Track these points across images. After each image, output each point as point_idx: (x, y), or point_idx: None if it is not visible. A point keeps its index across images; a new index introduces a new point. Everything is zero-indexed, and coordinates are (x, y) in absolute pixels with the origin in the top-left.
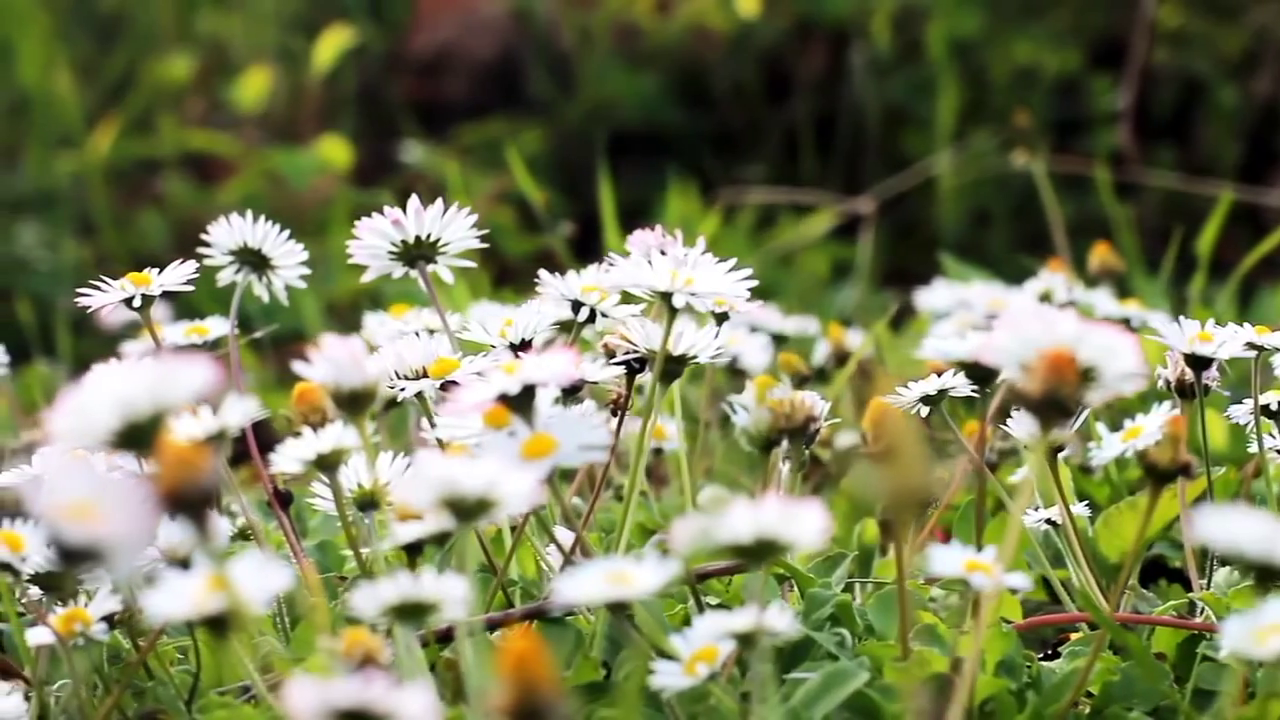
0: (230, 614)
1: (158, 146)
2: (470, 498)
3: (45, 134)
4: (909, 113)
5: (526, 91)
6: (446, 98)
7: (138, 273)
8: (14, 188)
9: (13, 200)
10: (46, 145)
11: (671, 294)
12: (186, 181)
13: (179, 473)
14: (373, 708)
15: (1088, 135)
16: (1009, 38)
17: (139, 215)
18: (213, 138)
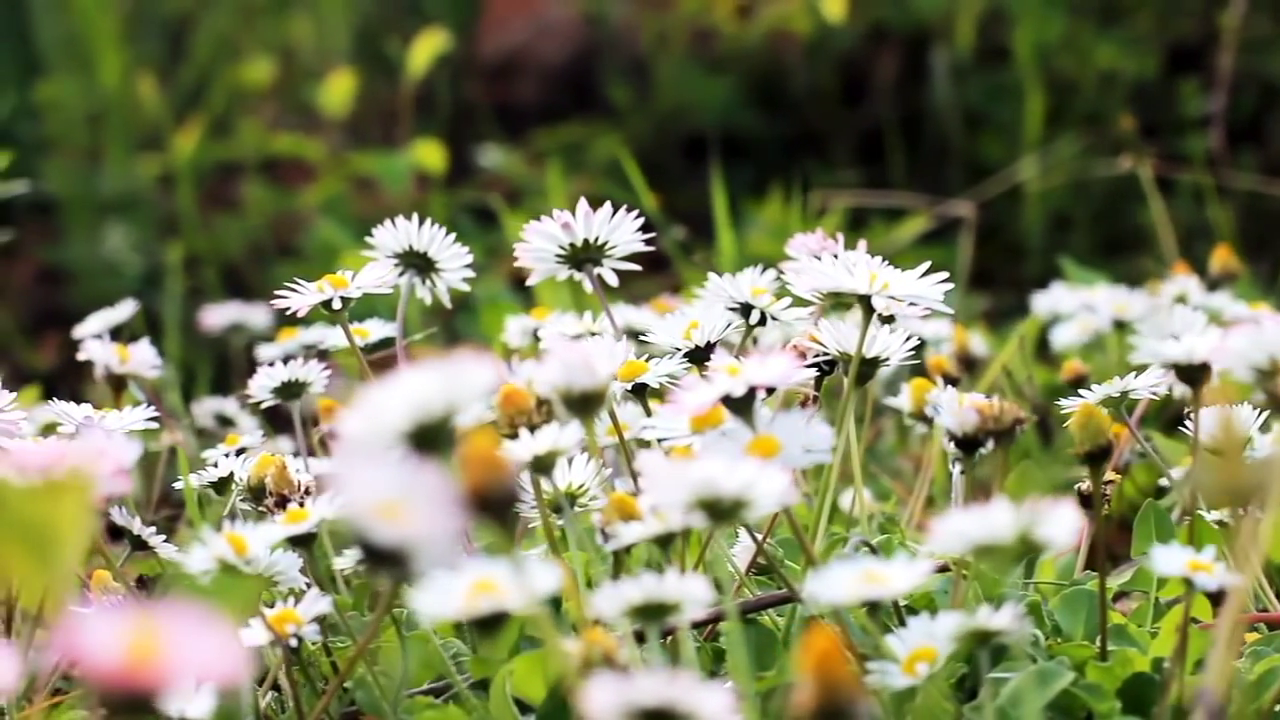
0: (501, 615)
1: (240, 149)
2: (727, 498)
3: (126, 137)
4: (988, 117)
5: (599, 95)
6: (517, 101)
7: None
8: (98, 191)
9: (98, 203)
10: (127, 149)
11: (870, 297)
12: (266, 185)
13: (484, 473)
14: (675, 706)
15: (1169, 139)
16: (1090, 42)
17: (221, 218)
18: (297, 141)
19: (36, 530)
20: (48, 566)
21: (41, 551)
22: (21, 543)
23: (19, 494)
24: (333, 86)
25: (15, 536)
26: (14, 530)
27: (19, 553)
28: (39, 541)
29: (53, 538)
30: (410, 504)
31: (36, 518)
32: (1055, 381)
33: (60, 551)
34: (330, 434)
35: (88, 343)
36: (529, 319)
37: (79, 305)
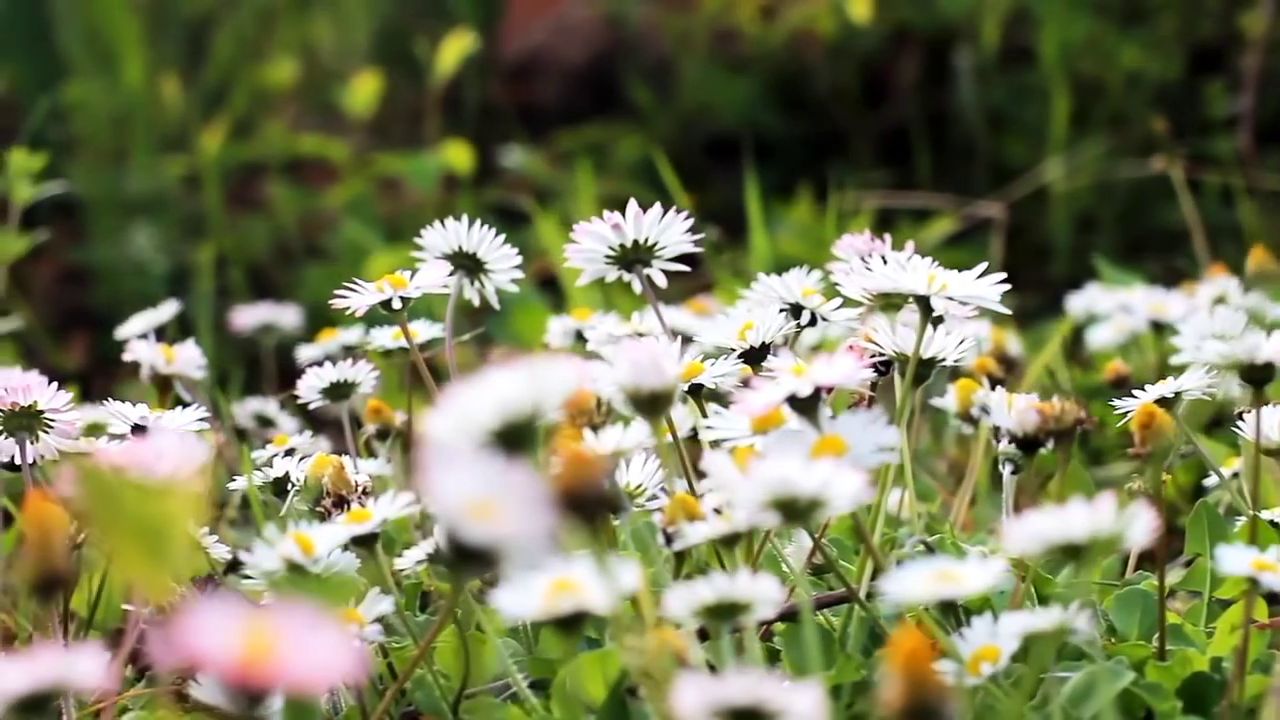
0: (581, 614)
1: (265, 150)
2: (804, 498)
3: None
4: (1011, 118)
5: (620, 96)
6: (538, 102)
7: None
8: (123, 191)
9: (123, 204)
10: (152, 150)
11: (929, 298)
12: (290, 186)
13: (577, 473)
14: (765, 705)
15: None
16: (1114, 44)
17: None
18: (322, 142)
19: (150, 528)
20: (160, 564)
21: (154, 549)
22: (136, 541)
23: (133, 493)
24: (358, 88)
25: (130, 534)
26: (129, 528)
27: (133, 550)
28: (152, 540)
29: (165, 536)
30: (502, 504)
31: (150, 516)
32: (1089, 382)
33: (172, 549)
34: (376, 434)
35: (132, 343)
36: (570, 319)
37: (104, 306)
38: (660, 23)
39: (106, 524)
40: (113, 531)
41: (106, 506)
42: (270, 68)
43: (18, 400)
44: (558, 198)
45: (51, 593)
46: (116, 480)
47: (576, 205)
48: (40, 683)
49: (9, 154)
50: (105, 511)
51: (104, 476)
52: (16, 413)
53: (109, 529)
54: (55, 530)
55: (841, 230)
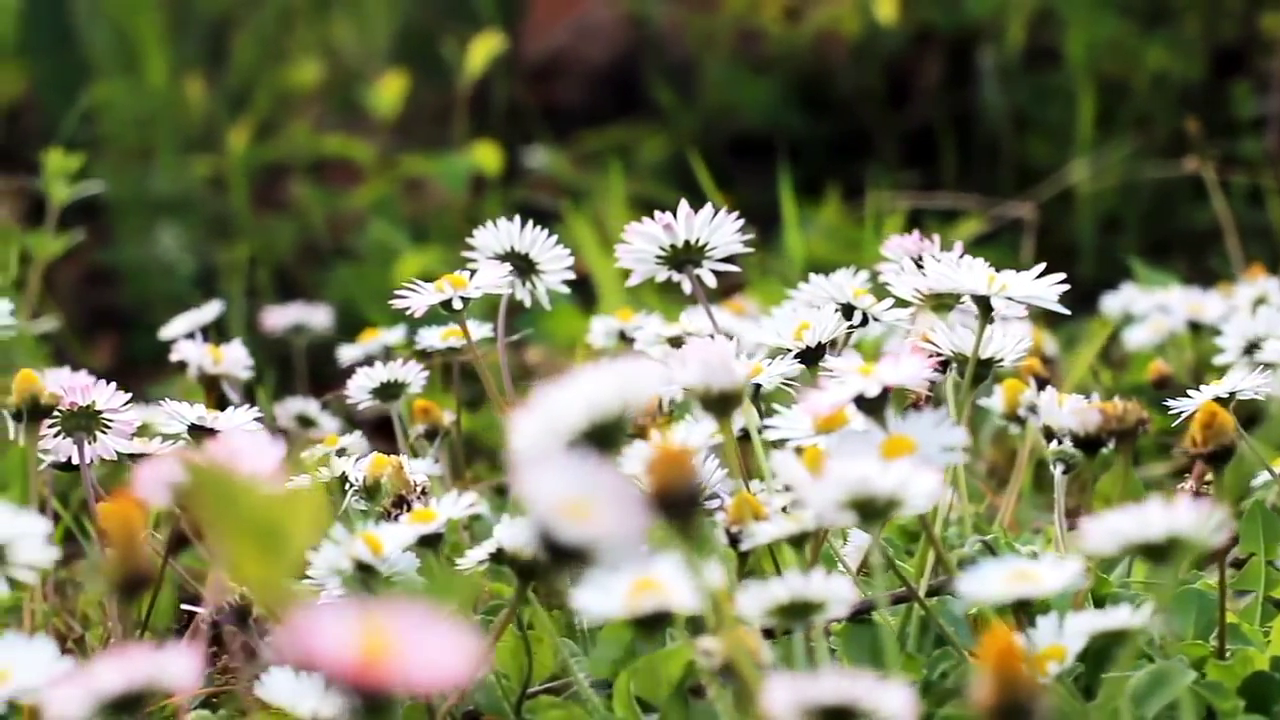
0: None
1: (290, 151)
2: (881, 498)
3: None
4: (1035, 118)
5: (642, 97)
6: (560, 103)
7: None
8: (149, 192)
9: (149, 204)
10: (176, 150)
11: (989, 298)
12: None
13: (670, 473)
14: (857, 704)
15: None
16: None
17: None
18: (347, 143)
19: (268, 531)
20: (277, 566)
21: (271, 551)
22: (254, 542)
23: (252, 495)
24: (383, 89)
25: (248, 536)
26: (247, 530)
27: (251, 552)
28: (270, 542)
29: (284, 538)
30: (596, 504)
31: (269, 518)
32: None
33: (290, 551)
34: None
35: (179, 343)
36: (613, 320)
37: (130, 306)
38: (683, 23)
39: (222, 525)
40: (229, 533)
41: (222, 508)
42: (294, 69)
43: (76, 400)
44: (582, 198)
45: (134, 593)
46: (232, 482)
47: (606, 206)
48: (133, 683)
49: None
50: (221, 513)
51: (220, 478)
52: (74, 412)
53: (225, 530)
54: (137, 530)
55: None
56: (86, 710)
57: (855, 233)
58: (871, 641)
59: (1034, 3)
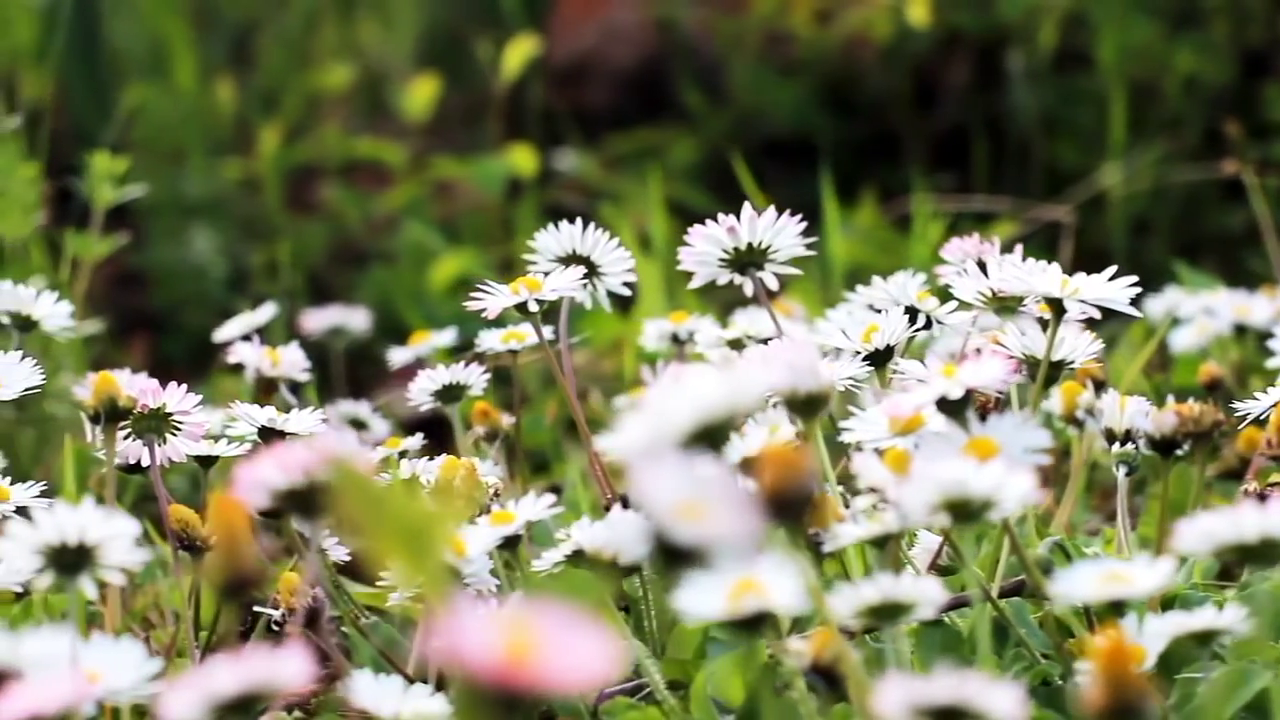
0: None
1: (322, 153)
2: (977, 499)
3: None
4: (1064, 121)
5: (669, 100)
6: (586, 106)
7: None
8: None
9: (181, 207)
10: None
11: (1061, 300)
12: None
13: (783, 474)
14: (968, 705)
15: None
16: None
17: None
18: (379, 145)
19: (416, 533)
20: (425, 567)
21: (419, 554)
22: (401, 545)
23: (399, 497)
24: (415, 91)
25: (396, 539)
26: (395, 533)
27: (397, 553)
28: (417, 544)
29: (430, 539)
30: (710, 504)
31: (415, 520)
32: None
33: (436, 552)
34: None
35: (237, 346)
36: (666, 322)
37: (160, 308)
38: (710, 26)
39: (369, 528)
40: (376, 536)
41: (369, 511)
42: (324, 71)
43: (148, 402)
44: (612, 201)
45: (239, 594)
46: (379, 483)
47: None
48: (249, 684)
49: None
50: (368, 515)
51: (367, 481)
52: (145, 414)
53: (372, 533)
54: (242, 531)
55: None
56: (201, 712)
57: (889, 235)
58: (944, 642)
59: (1065, 6)
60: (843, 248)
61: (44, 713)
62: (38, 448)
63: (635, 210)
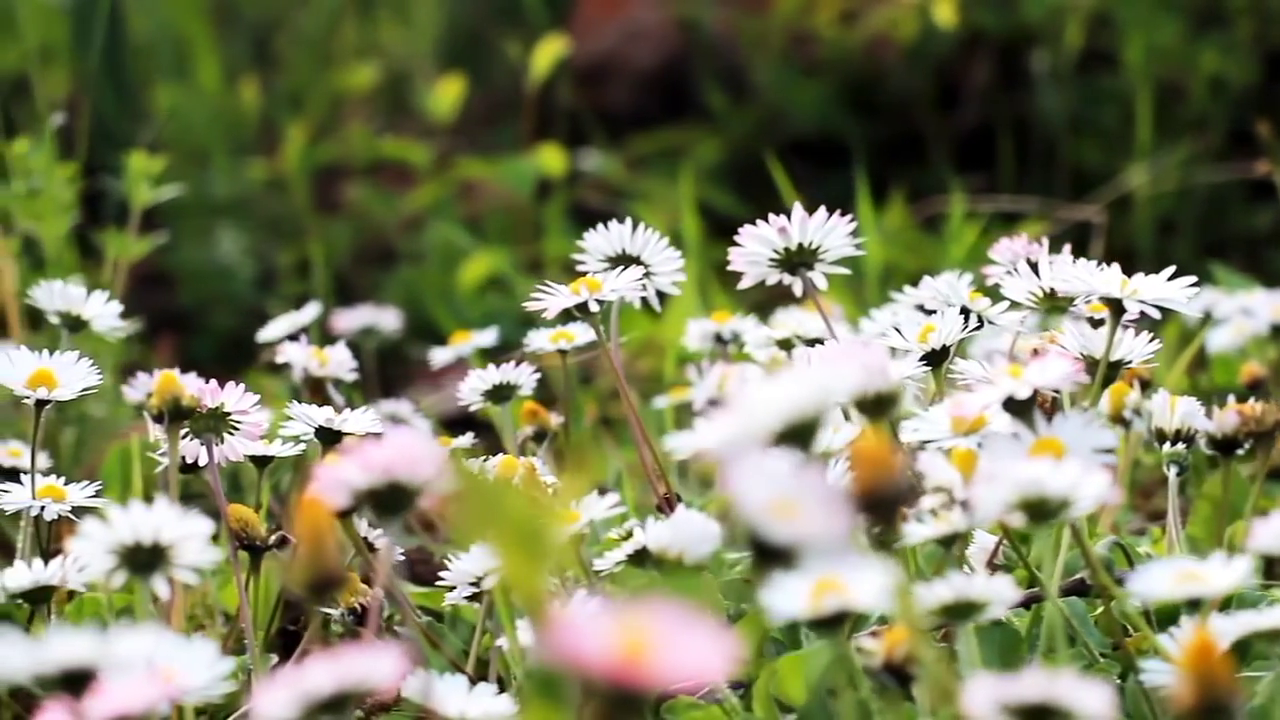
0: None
1: (347, 153)
2: (1054, 499)
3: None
4: (1087, 122)
5: (691, 100)
6: (608, 106)
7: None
8: (208, 194)
9: (208, 207)
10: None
11: (1121, 300)
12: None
13: (875, 473)
14: (1058, 703)
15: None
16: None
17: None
18: (404, 146)
19: (531, 535)
20: (538, 568)
21: (534, 555)
22: (517, 546)
23: (515, 500)
24: (441, 91)
25: (511, 540)
26: (510, 534)
27: (514, 555)
28: (532, 545)
29: (545, 542)
30: (802, 503)
31: (531, 523)
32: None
33: (549, 553)
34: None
35: (284, 345)
36: (710, 322)
37: (186, 308)
38: (733, 26)
39: (485, 529)
40: (492, 537)
41: (486, 512)
42: (349, 71)
43: (206, 402)
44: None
45: (324, 594)
46: (495, 485)
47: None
48: (344, 684)
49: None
50: (485, 517)
51: (483, 483)
52: (204, 414)
53: (488, 535)
54: (327, 532)
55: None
56: (296, 711)
57: (917, 236)
58: (1003, 642)
59: (1090, 6)
60: (879, 249)
61: (130, 713)
62: (77, 448)
63: (662, 210)
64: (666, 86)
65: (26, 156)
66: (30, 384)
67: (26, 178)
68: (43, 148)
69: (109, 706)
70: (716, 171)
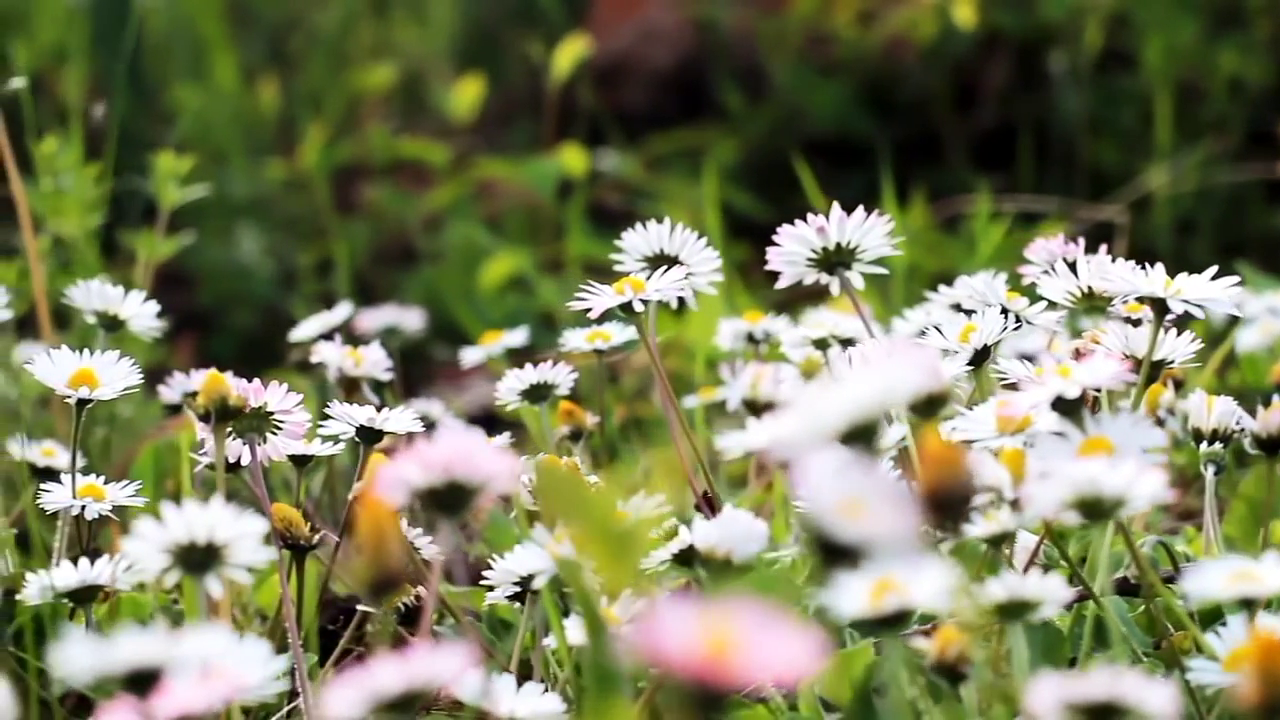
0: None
1: (364, 153)
2: (1109, 497)
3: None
4: (1105, 122)
5: (708, 100)
6: (624, 106)
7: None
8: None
9: (227, 207)
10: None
11: (1165, 300)
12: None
13: (943, 473)
14: (1123, 702)
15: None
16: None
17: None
18: (423, 145)
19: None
20: (626, 565)
21: (622, 553)
22: (605, 545)
23: (603, 499)
24: (460, 91)
25: (600, 539)
26: (599, 533)
27: (603, 555)
28: (620, 544)
29: (632, 540)
30: (870, 503)
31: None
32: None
33: (638, 553)
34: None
35: (319, 345)
36: (742, 322)
37: (205, 308)
38: (749, 26)
39: (574, 528)
40: (581, 536)
41: (575, 512)
42: (365, 71)
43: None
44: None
45: (386, 592)
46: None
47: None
48: (412, 683)
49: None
50: (573, 516)
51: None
52: (247, 414)
53: (577, 533)
54: (389, 530)
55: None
56: (364, 710)
57: (937, 236)
58: (1046, 641)
59: (1109, 6)
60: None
61: (192, 712)
62: (105, 447)
63: (682, 210)
64: (682, 87)
65: (54, 156)
66: (72, 383)
67: (54, 177)
68: (71, 147)
69: (173, 706)
70: (734, 171)
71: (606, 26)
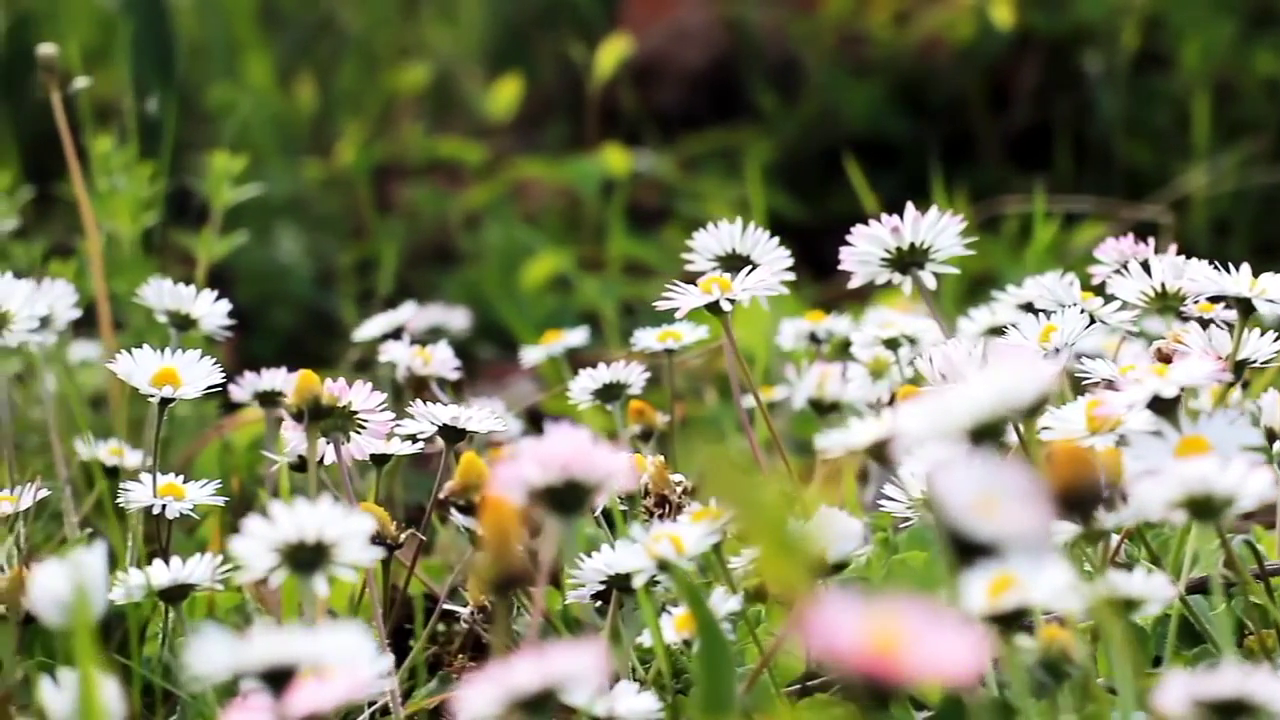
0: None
1: (400, 153)
2: (1219, 496)
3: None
4: (1140, 122)
5: (740, 100)
6: (656, 106)
7: None
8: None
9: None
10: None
11: (1250, 300)
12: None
13: (1074, 472)
14: (1252, 699)
15: None
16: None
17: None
18: (461, 145)
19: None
20: (798, 564)
21: (794, 550)
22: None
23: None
24: (498, 91)
25: (771, 536)
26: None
27: (772, 549)
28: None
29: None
30: (1004, 501)
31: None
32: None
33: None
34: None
35: (387, 345)
36: (804, 321)
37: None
38: (782, 26)
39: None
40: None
41: (748, 509)
42: (400, 71)
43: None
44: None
45: (509, 590)
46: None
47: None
48: (549, 681)
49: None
50: (746, 514)
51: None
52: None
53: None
54: (512, 530)
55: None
56: (500, 708)
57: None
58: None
59: (1144, 6)
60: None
61: (322, 710)
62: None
63: (718, 209)
64: (714, 86)
65: (109, 155)
66: (155, 382)
67: (109, 176)
68: (125, 146)
69: (304, 704)
70: (767, 171)
71: (637, 26)
